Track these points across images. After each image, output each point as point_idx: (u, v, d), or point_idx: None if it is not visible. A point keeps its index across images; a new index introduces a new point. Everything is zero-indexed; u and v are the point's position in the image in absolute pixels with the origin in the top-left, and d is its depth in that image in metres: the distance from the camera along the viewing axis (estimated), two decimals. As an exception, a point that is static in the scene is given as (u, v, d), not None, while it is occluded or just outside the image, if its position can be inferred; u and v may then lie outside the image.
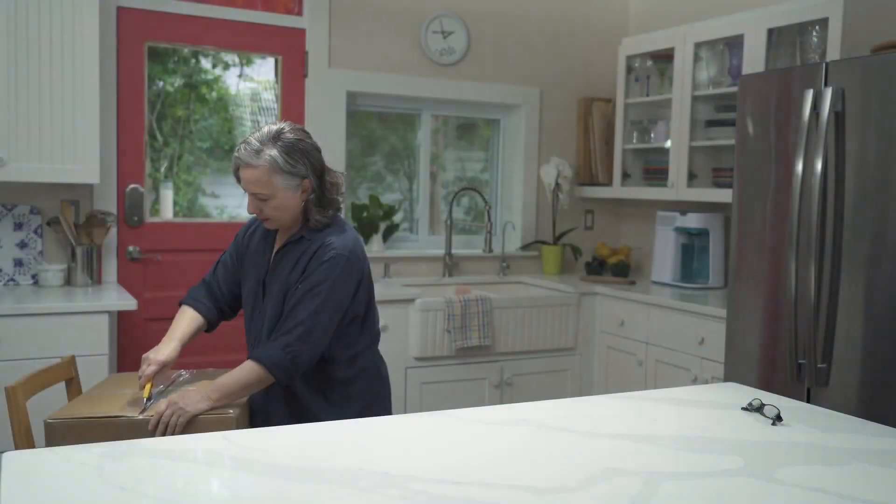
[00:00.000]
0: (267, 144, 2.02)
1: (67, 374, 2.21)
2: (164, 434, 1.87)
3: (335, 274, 2.05)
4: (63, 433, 1.84)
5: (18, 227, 3.35)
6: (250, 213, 2.11)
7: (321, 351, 2.06)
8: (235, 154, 2.07)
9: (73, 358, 2.25)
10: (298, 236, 2.14)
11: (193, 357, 3.71)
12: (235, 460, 1.37)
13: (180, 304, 2.28)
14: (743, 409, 1.78)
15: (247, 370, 2.01)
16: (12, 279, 3.35)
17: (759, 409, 1.74)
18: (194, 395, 1.96)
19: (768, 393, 1.99)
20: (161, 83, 3.69)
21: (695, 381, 3.39)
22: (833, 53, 3.09)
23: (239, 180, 2.08)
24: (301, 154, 2.05)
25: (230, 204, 3.89)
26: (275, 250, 2.19)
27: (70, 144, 3.11)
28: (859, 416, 2.01)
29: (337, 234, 2.12)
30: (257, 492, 1.23)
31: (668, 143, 3.99)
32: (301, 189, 2.08)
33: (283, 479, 1.28)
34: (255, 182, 2.03)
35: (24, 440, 1.93)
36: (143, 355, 2.08)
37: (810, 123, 2.64)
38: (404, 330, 3.57)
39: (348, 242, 2.10)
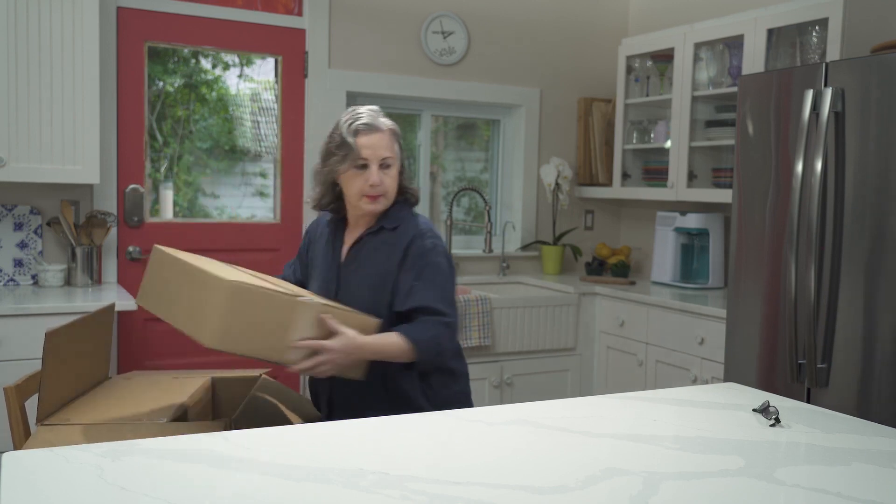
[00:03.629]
0: (381, 114, 2.12)
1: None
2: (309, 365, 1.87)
3: (447, 262, 2.07)
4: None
5: (18, 227, 3.35)
6: (374, 183, 2.05)
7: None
8: (353, 123, 2.07)
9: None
10: (377, 227, 2.12)
11: (198, 357, 3.71)
12: (235, 460, 1.37)
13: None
14: (754, 410, 1.78)
15: (397, 346, 1.96)
16: (12, 279, 3.35)
17: (765, 409, 1.74)
18: (351, 359, 1.92)
19: (768, 393, 1.99)
20: (161, 83, 3.69)
21: (695, 381, 3.39)
22: (833, 53, 3.10)
23: (346, 154, 2.05)
24: None
25: (230, 204, 3.89)
26: (348, 244, 2.17)
27: (70, 144, 3.11)
28: (859, 416, 2.01)
29: (422, 222, 2.13)
30: (258, 491, 1.23)
31: (668, 144, 3.99)
32: (399, 169, 2.14)
33: (283, 479, 1.28)
34: (384, 146, 2.06)
35: (22, 441, 1.93)
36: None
37: (810, 123, 2.64)
38: (404, 330, 3.56)
39: (437, 232, 2.14)
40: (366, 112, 2.10)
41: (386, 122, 2.11)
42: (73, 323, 2.06)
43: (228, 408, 2.35)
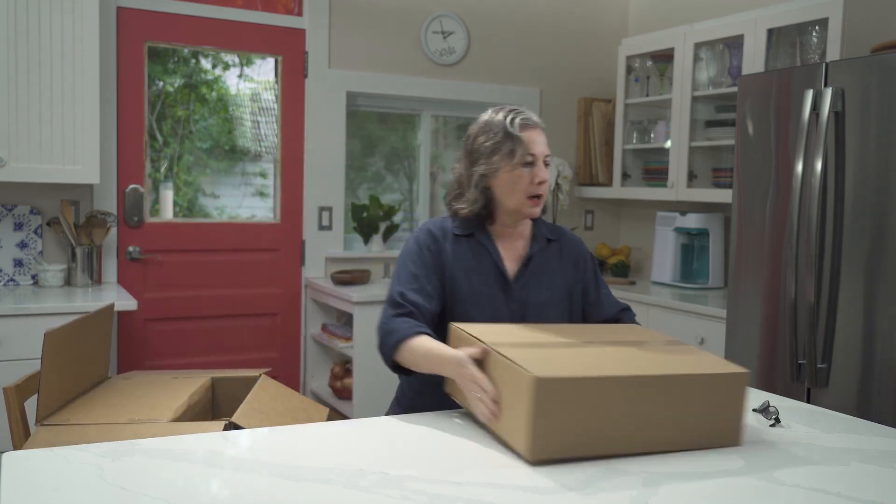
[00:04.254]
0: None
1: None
2: None
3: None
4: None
5: (18, 227, 3.35)
6: (543, 179, 1.87)
7: None
8: (518, 117, 1.89)
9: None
10: (545, 240, 1.98)
11: (198, 358, 3.71)
12: (235, 460, 1.37)
13: (403, 340, 1.75)
14: (754, 410, 1.78)
15: None
16: (12, 279, 3.35)
17: (765, 409, 1.74)
18: None
19: (768, 393, 1.99)
20: (161, 83, 3.69)
21: (695, 382, 3.39)
22: (833, 53, 3.10)
23: (514, 150, 1.86)
24: None
25: (230, 204, 3.89)
26: (512, 259, 1.94)
27: (70, 144, 3.11)
28: (859, 416, 2.01)
29: (565, 228, 2.13)
30: (257, 492, 1.23)
31: (668, 144, 3.99)
32: None
33: (283, 479, 1.28)
34: (546, 144, 1.90)
35: (22, 441, 1.93)
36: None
37: (810, 123, 2.64)
38: (404, 330, 3.56)
39: None
40: (523, 109, 1.93)
41: (540, 121, 1.94)
42: (73, 323, 2.06)
43: (228, 408, 2.35)
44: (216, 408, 2.42)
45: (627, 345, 1.64)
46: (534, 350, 1.51)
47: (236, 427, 2.00)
